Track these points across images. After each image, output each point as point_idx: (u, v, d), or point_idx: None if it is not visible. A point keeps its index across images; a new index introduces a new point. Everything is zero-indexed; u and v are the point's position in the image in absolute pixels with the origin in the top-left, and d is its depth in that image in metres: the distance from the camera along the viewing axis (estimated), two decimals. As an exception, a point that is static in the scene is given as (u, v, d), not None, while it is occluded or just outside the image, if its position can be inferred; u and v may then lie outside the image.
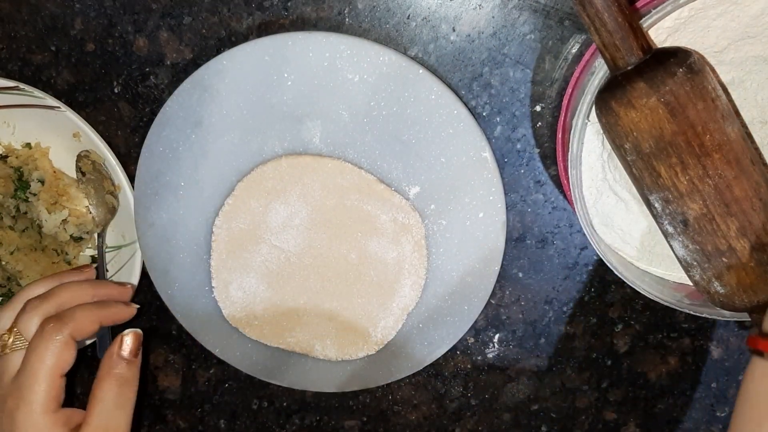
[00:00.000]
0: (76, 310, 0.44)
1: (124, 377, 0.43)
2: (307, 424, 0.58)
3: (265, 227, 0.50)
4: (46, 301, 0.45)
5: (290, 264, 0.51)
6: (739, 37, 0.40)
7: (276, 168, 0.49)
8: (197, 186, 0.50)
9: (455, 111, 0.46)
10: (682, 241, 0.38)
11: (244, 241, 0.50)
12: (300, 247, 0.50)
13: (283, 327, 0.52)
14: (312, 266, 0.50)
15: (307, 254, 0.50)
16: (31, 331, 0.43)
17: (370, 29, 0.48)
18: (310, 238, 0.50)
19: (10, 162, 0.53)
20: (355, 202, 0.49)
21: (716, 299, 0.39)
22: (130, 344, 0.43)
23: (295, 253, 0.50)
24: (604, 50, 0.37)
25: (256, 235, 0.50)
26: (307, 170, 0.48)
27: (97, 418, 0.41)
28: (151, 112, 0.51)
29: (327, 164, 0.48)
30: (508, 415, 0.56)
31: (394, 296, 0.50)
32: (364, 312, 0.51)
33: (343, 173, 0.48)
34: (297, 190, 0.49)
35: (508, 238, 0.49)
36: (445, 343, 0.51)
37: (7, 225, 0.54)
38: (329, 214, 0.49)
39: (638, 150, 0.37)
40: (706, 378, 0.54)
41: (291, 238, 0.50)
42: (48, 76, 0.51)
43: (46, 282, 0.48)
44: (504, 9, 0.47)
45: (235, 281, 0.51)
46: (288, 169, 0.49)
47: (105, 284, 0.49)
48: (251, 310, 0.52)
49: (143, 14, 0.49)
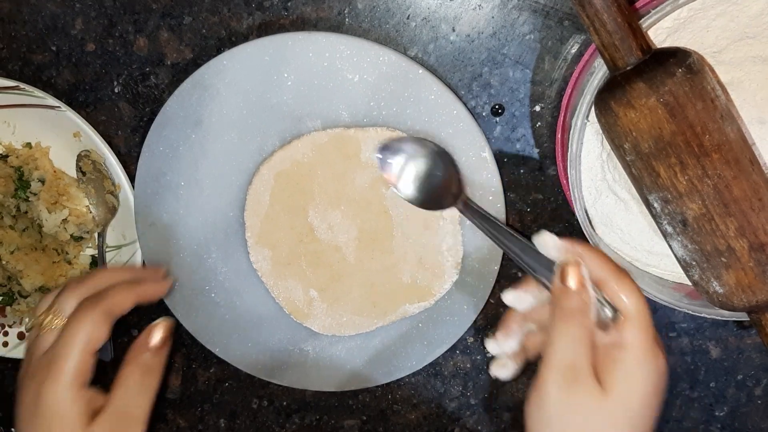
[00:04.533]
0: (112, 287, 0.44)
1: (148, 365, 0.43)
2: (307, 424, 0.58)
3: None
4: (84, 282, 0.45)
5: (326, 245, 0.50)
6: (738, 38, 0.40)
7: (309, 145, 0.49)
8: (197, 186, 0.50)
9: (455, 111, 0.46)
10: (681, 241, 0.38)
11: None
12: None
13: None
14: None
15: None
16: (68, 311, 0.43)
17: (370, 29, 0.48)
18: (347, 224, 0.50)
19: (11, 162, 0.53)
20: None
21: (715, 299, 0.39)
22: (160, 334, 0.44)
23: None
24: (603, 50, 0.37)
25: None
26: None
27: (119, 402, 0.42)
28: (151, 112, 0.51)
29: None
30: (507, 414, 0.56)
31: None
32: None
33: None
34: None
35: (507, 238, 0.49)
36: (445, 343, 0.51)
37: (8, 224, 0.54)
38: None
39: (637, 150, 0.37)
40: (705, 377, 0.54)
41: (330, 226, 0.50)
42: (48, 76, 0.52)
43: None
44: (504, 9, 0.47)
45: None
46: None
47: (140, 269, 0.51)
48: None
49: (143, 14, 0.49)
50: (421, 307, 0.50)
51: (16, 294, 0.56)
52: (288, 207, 0.50)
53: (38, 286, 0.54)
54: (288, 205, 0.50)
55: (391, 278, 0.50)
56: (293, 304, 0.52)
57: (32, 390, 0.41)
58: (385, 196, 0.49)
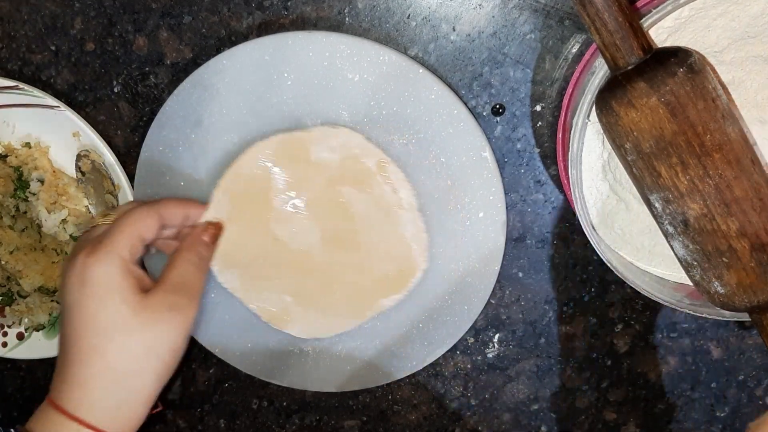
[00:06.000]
0: (164, 198, 0.46)
1: (202, 254, 0.45)
2: (307, 424, 0.58)
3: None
4: (144, 200, 0.47)
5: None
6: (740, 37, 0.40)
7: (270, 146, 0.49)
8: (197, 186, 0.50)
9: (455, 111, 0.46)
10: (682, 241, 0.38)
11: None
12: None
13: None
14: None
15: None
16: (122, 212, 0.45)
17: (370, 29, 0.48)
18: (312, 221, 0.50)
19: (10, 161, 0.53)
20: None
21: (716, 299, 0.39)
22: (212, 230, 0.47)
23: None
24: (604, 50, 0.37)
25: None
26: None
27: (176, 275, 0.43)
28: (151, 112, 0.51)
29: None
30: (508, 415, 0.56)
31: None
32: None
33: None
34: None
35: (508, 238, 0.49)
36: (445, 343, 0.51)
37: (7, 224, 0.54)
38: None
39: (638, 150, 0.37)
40: (706, 378, 0.54)
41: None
42: (48, 76, 0.51)
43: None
44: (504, 8, 0.47)
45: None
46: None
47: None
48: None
49: (143, 14, 0.49)
50: (396, 299, 0.50)
51: (16, 294, 0.56)
52: (247, 224, 0.49)
53: (37, 286, 0.54)
54: (247, 222, 0.49)
55: (361, 275, 0.50)
56: (270, 313, 0.51)
57: (79, 261, 0.41)
58: (342, 193, 0.48)
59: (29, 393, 0.60)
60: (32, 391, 0.60)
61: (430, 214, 0.49)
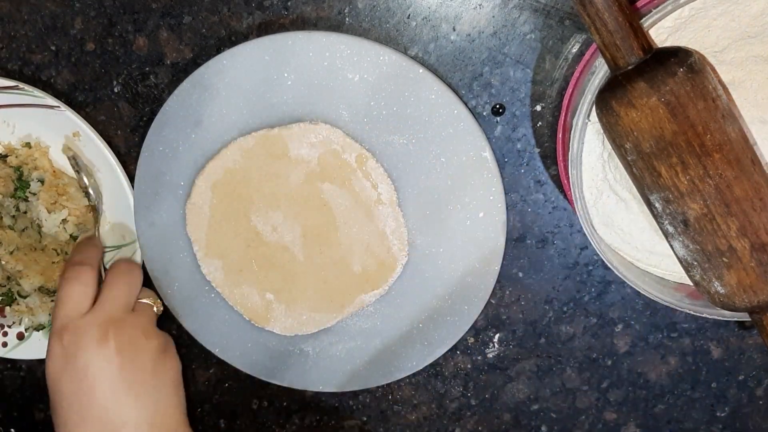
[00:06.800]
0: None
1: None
2: (307, 424, 0.58)
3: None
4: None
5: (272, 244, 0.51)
6: (740, 37, 0.40)
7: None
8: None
9: (455, 111, 0.46)
10: (682, 241, 0.38)
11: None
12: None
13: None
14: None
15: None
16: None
17: (370, 29, 0.48)
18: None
19: (10, 161, 0.53)
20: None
21: (716, 299, 0.39)
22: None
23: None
24: (604, 50, 0.37)
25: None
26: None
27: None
28: (151, 112, 0.51)
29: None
30: (508, 415, 0.56)
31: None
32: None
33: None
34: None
35: (508, 238, 0.49)
36: (445, 343, 0.51)
37: (7, 225, 0.54)
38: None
39: (639, 150, 0.37)
40: (706, 378, 0.54)
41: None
42: (48, 76, 0.51)
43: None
44: (504, 8, 0.47)
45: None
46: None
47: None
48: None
49: (143, 14, 0.49)
50: (376, 295, 0.51)
51: (16, 294, 0.56)
52: (229, 215, 0.50)
53: (37, 286, 0.54)
54: (229, 213, 0.50)
55: (342, 270, 0.50)
56: (252, 310, 0.52)
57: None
58: (322, 189, 0.49)
59: (29, 393, 0.60)
60: (32, 391, 0.60)
61: (430, 213, 0.49)
